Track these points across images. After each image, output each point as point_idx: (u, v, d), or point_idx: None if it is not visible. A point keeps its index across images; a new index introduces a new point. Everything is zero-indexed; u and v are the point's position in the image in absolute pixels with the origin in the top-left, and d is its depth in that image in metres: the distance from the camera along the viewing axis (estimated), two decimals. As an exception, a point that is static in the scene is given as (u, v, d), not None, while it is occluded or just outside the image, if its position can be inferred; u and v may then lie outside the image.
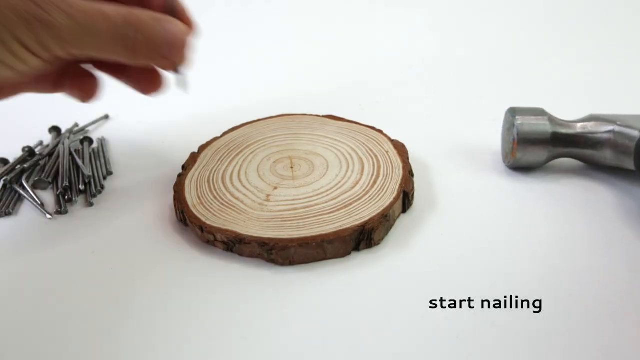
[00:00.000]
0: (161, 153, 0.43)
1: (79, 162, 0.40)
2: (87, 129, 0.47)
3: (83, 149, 0.43)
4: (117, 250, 0.33)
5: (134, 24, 0.31)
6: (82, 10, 0.29)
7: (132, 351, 0.27)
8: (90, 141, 0.44)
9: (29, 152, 0.42)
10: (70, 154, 0.41)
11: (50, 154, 0.42)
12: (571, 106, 0.40)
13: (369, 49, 0.62)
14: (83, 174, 0.39)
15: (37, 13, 0.28)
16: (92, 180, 0.39)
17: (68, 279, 0.31)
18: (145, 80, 0.36)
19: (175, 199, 0.35)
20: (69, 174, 0.39)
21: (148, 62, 0.33)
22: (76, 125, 0.47)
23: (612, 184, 0.38)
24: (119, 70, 0.36)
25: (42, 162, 0.41)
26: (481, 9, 0.69)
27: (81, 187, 0.38)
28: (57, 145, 0.42)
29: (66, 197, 0.37)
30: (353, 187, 0.35)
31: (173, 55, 0.33)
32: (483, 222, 0.35)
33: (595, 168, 0.39)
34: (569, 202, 0.36)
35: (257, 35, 0.40)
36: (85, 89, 0.36)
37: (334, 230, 0.31)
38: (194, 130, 0.43)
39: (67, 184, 0.38)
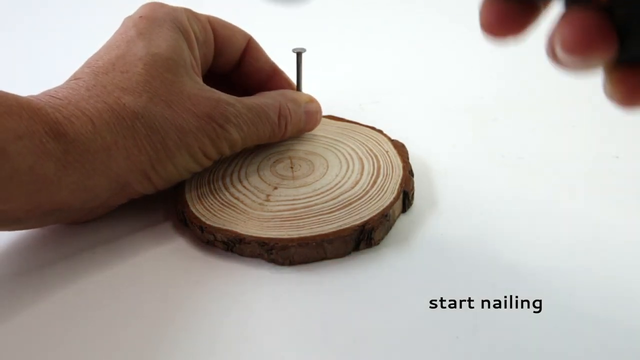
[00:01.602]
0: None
1: None
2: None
3: None
4: (117, 250, 0.33)
5: (285, 117, 0.37)
6: (249, 120, 0.34)
7: (131, 351, 0.27)
8: None
9: None
10: None
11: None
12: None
13: (369, 49, 0.62)
14: None
15: (220, 132, 0.33)
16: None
17: (68, 279, 0.31)
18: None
19: (175, 199, 0.35)
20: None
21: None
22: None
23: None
24: None
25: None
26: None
27: None
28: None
29: None
30: (353, 187, 0.35)
31: (308, 130, 0.40)
32: (483, 222, 0.35)
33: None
34: (571, 202, 0.36)
35: (256, 36, 0.40)
36: None
37: (334, 230, 0.31)
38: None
39: None
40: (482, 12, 0.20)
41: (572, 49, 0.17)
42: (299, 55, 0.39)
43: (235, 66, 0.40)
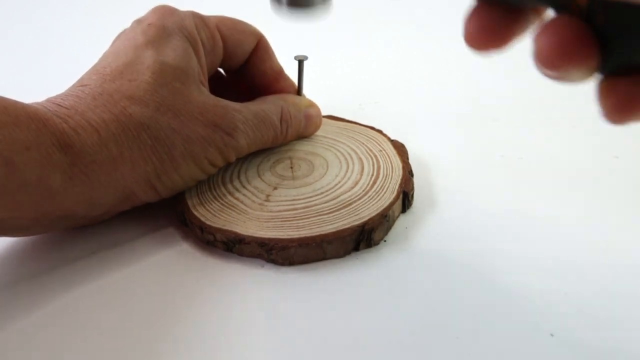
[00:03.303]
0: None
1: None
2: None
3: None
4: (117, 251, 0.33)
5: (287, 121, 0.37)
6: (254, 126, 0.35)
7: (131, 351, 0.27)
8: None
9: None
10: None
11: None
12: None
13: (369, 49, 0.62)
14: None
15: (227, 141, 0.33)
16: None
17: (67, 280, 0.31)
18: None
19: (175, 200, 0.35)
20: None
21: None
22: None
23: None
24: None
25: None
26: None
27: None
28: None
29: None
30: (353, 187, 0.35)
31: (308, 134, 0.40)
32: (483, 222, 0.35)
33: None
34: (571, 202, 0.36)
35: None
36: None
37: (334, 230, 0.31)
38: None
39: None
40: (466, 24, 0.19)
41: (547, 61, 0.16)
42: (300, 62, 0.39)
43: (242, 65, 0.39)
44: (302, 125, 0.39)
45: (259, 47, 0.39)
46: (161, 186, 0.32)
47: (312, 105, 0.39)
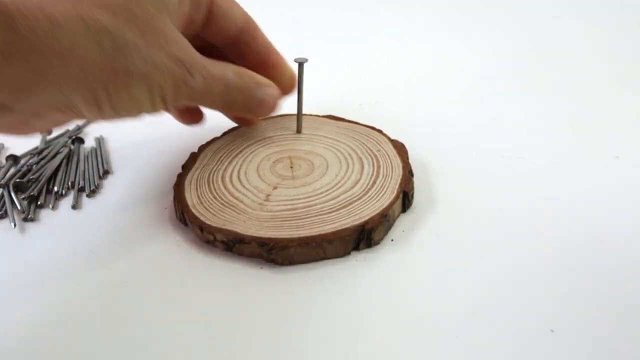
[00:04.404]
0: (161, 153, 0.43)
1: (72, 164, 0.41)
2: (85, 128, 0.47)
3: (74, 150, 0.43)
4: (116, 250, 0.33)
5: (240, 88, 0.35)
6: (211, 74, 0.33)
7: (131, 351, 0.27)
8: (81, 141, 0.44)
9: (14, 159, 0.41)
10: (56, 155, 0.42)
11: (41, 157, 0.42)
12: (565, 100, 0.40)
13: (369, 49, 0.62)
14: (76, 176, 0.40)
15: (187, 78, 0.32)
16: (87, 180, 0.39)
17: (67, 279, 0.31)
18: (189, 114, 0.40)
19: (175, 199, 0.35)
20: (53, 176, 0.40)
21: (234, 115, 0.38)
22: (77, 126, 0.47)
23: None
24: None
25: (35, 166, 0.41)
26: (482, 12, 0.69)
27: (65, 188, 0.39)
28: (46, 149, 0.43)
29: (38, 202, 0.37)
30: (353, 187, 0.35)
31: (260, 114, 0.37)
32: (483, 222, 0.35)
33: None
34: (571, 202, 0.36)
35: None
36: (191, 117, 0.41)
37: (334, 230, 0.31)
38: (194, 130, 0.43)
39: (34, 193, 0.38)
40: None
41: None
42: (300, 65, 0.39)
43: (231, 43, 0.38)
44: (257, 100, 0.37)
45: (248, 27, 0.38)
46: (106, 102, 0.30)
47: (270, 85, 0.38)
